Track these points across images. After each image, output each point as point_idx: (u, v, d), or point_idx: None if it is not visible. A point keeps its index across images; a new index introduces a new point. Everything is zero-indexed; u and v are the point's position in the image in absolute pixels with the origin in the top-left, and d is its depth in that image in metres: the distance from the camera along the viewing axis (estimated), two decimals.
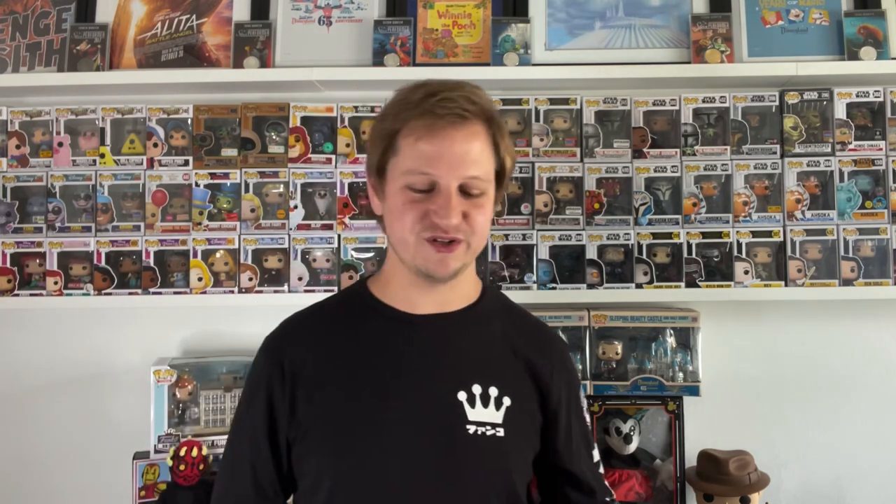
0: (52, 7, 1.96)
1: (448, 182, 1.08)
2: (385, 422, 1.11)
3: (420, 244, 1.10)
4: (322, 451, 1.12)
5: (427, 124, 1.07)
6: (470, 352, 1.18)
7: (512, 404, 1.15)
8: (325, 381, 1.14)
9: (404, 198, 1.10)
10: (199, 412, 1.83)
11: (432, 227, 1.08)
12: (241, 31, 1.91)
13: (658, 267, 1.81)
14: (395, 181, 1.11)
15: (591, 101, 1.84)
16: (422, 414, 1.12)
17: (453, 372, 1.15)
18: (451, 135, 1.08)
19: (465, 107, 1.08)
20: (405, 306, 1.18)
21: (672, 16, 1.90)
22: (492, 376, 1.16)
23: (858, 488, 1.89)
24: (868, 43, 1.82)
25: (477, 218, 1.10)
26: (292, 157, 1.85)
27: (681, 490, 1.80)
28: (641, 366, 1.83)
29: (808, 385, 1.90)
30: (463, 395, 1.13)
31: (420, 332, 1.17)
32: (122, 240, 1.84)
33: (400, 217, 1.10)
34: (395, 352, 1.16)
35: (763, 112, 1.85)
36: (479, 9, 1.91)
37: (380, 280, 1.23)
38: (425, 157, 1.08)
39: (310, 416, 1.13)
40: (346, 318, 1.21)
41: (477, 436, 1.11)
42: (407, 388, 1.13)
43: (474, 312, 1.22)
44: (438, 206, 1.07)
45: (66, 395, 1.94)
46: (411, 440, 1.11)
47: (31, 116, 1.89)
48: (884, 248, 1.79)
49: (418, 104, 1.08)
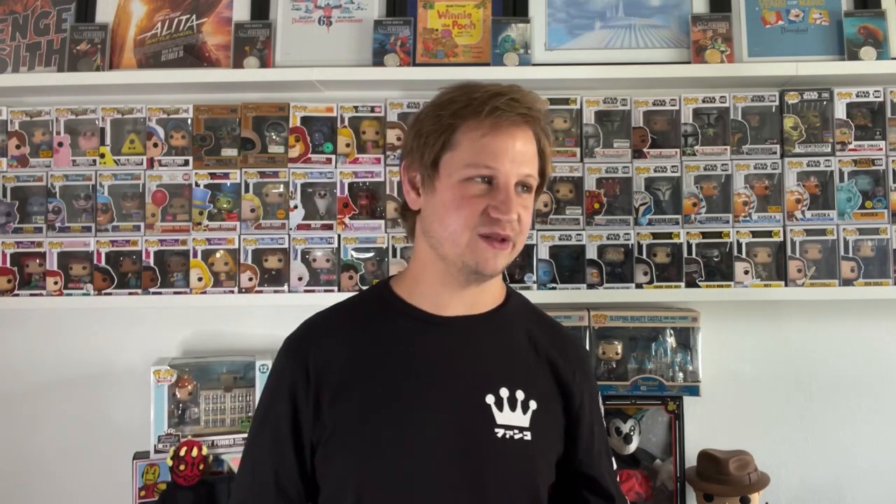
0: (52, 7, 1.96)
1: (508, 178, 1.09)
2: (412, 424, 1.11)
3: (474, 240, 1.10)
4: (347, 454, 1.11)
5: (493, 122, 1.09)
6: (497, 355, 1.18)
7: (538, 407, 1.15)
8: (351, 382, 1.13)
9: (462, 191, 1.10)
10: (199, 412, 1.83)
11: (490, 222, 1.09)
12: (241, 31, 1.91)
13: (658, 267, 1.82)
14: (452, 175, 1.11)
15: (591, 101, 1.84)
16: (450, 417, 1.11)
17: (481, 375, 1.15)
18: (514, 133, 1.10)
19: (531, 110, 1.11)
20: (433, 307, 1.17)
21: (672, 16, 1.90)
22: (518, 380, 1.16)
23: (858, 488, 1.89)
24: (868, 43, 1.82)
25: (525, 218, 1.12)
26: (292, 157, 1.85)
27: (681, 490, 1.80)
28: (641, 366, 1.83)
29: (808, 385, 1.90)
30: (491, 399, 1.13)
31: (448, 334, 1.16)
32: (122, 240, 1.84)
33: (456, 211, 1.10)
34: (422, 353, 1.15)
35: (763, 112, 1.85)
36: (479, 9, 1.91)
37: (405, 280, 1.22)
38: (490, 153, 1.09)
39: (335, 418, 1.12)
40: (370, 318, 1.20)
41: (505, 440, 1.11)
42: (435, 390, 1.12)
43: (500, 315, 1.21)
44: (499, 202, 1.08)
45: (66, 395, 1.94)
46: (439, 443, 1.10)
47: (31, 116, 1.89)
48: (884, 248, 1.79)
49: (484, 102, 1.10)
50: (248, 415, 1.84)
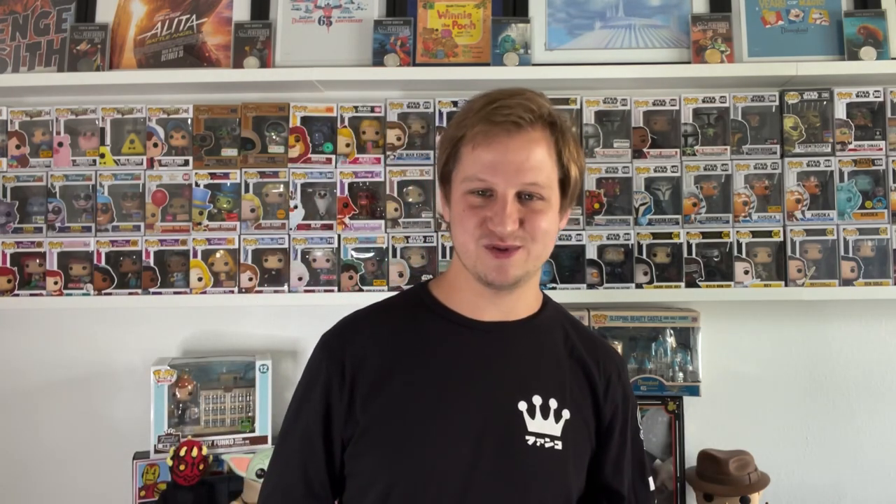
0: (52, 7, 1.96)
1: (504, 189, 1.08)
2: (444, 426, 1.10)
3: (480, 251, 1.10)
4: (378, 452, 1.11)
5: (483, 131, 1.08)
6: (532, 362, 1.17)
7: (571, 417, 1.15)
8: (387, 380, 1.13)
9: (465, 204, 1.11)
10: (199, 412, 1.83)
11: (489, 234, 1.08)
12: (241, 31, 1.91)
13: (658, 267, 1.81)
14: (457, 189, 1.13)
15: (591, 101, 1.84)
16: (482, 421, 1.11)
17: (515, 381, 1.15)
18: (506, 143, 1.08)
19: (520, 114, 1.08)
20: (469, 312, 1.17)
21: (672, 16, 1.90)
22: (552, 388, 1.15)
23: (858, 488, 1.89)
24: (868, 43, 1.82)
25: (536, 223, 1.09)
26: (292, 157, 1.85)
27: (681, 490, 1.80)
28: (641, 366, 1.83)
29: (808, 385, 1.90)
30: (524, 406, 1.12)
31: (483, 339, 1.16)
32: (122, 240, 1.84)
33: (461, 223, 1.11)
34: (458, 356, 1.15)
35: (763, 112, 1.85)
36: (479, 9, 1.91)
37: (443, 285, 1.22)
38: (482, 165, 1.09)
39: (368, 415, 1.12)
40: (409, 319, 1.20)
41: (536, 447, 1.11)
42: (468, 393, 1.12)
43: (537, 322, 1.21)
44: (494, 213, 1.08)
45: (66, 395, 1.94)
46: (470, 447, 1.09)
47: (31, 116, 1.88)
48: (884, 248, 1.79)
49: (477, 112, 1.09)
50: (248, 415, 1.84)
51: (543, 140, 1.11)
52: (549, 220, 1.12)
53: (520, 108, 1.09)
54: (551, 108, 1.13)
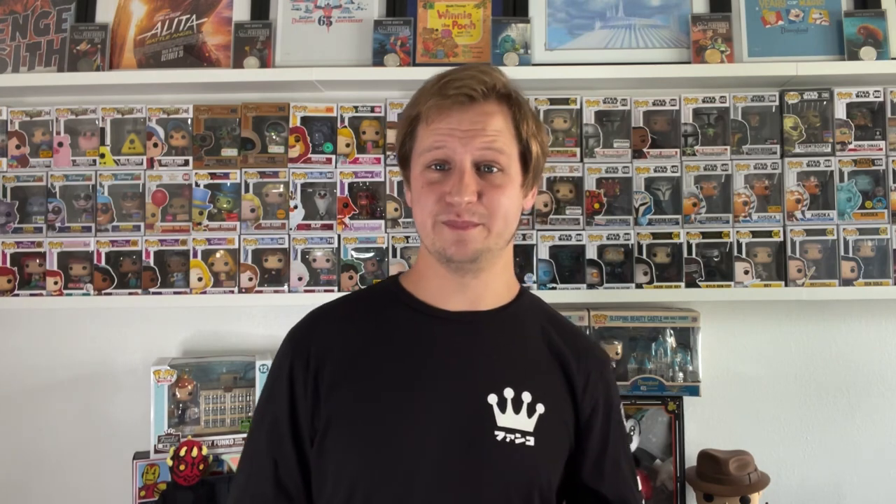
0: (52, 7, 1.96)
1: (461, 158, 1.06)
2: (410, 420, 1.07)
3: (437, 227, 1.07)
4: (343, 444, 1.08)
5: (437, 106, 1.07)
6: (504, 354, 1.13)
7: (545, 412, 1.09)
8: (352, 372, 1.10)
9: (423, 181, 1.09)
10: (199, 412, 1.83)
11: (447, 209, 1.06)
12: (241, 31, 1.91)
13: (658, 267, 1.81)
14: (415, 167, 1.11)
15: (591, 101, 1.84)
16: (449, 415, 1.07)
17: (485, 373, 1.10)
18: (459, 113, 1.07)
19: (472, 87, 1.06)
20: (437, 301, 1.14)
21: (672, 16, 1.90)
22: (525, 381, 1.10)
23: (858, 488, 1.89)
24: (868, 43, 1.82)
25: (495, 198, 1.06)
26: (292, 157, 1.85)
27: (681, 490, 1.80)
28: (641, 366, 1.83)
29: (808, 385, 1.90)
30: (494, 399, 1.08)
31: (452, 329, 1.13)
32: (122, 240, 1.84)
33: (419, 201, 1.09)
34: (426, 348, 1.12)
35: (763, 112, 1.85)
36: (479, 9, 1.91)
37: (412, 276, 1.20)
38: (437, 136, 1.07)
39: (333, 408, 1.08)
40: (376, 310, 1.17)
41: (505, 443, 1.06)
42: (436, 385, 1.08)
43: (509, 312, 1.17)
44: (451, 185, 1.05)
45: (66, 395, 1.94)
46: (436, 441, 1.05)
47: (31, 116, 1.88)
48: (884, 248, 1.79)
49: (429, 90, 1.08)
50: (248, 415, 1.84)
51: (499, 113, 1.09)
52: (508, 196, 1.08)
53: (472, 80, 1.07)
54: (507, 81, 1.11)
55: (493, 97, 1.09)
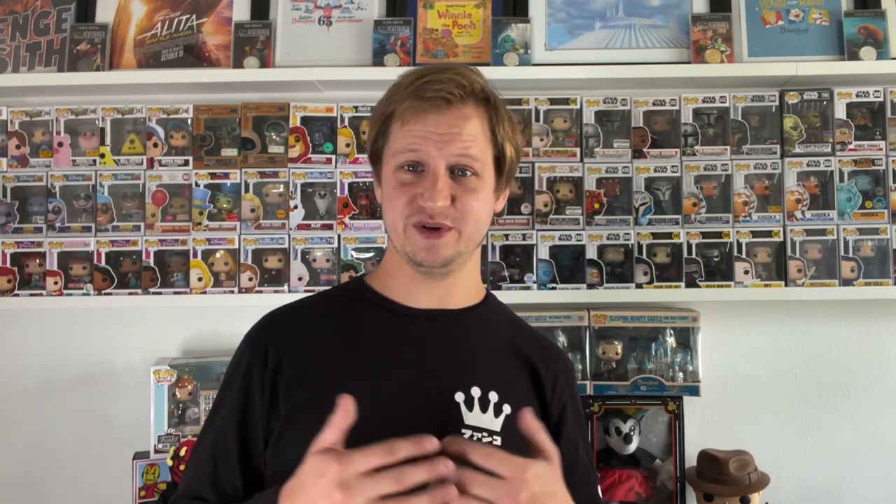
0: (52, 7, 1.96)
1: (436, 162, 1.04)
2: (374, 415, 1.01)
3: (409, 230, 1.05)
4: (302, 441, 0.99)
5: (413, 106, 1.04)
6: (470, 352, 1.11)
7: (512, 413, 1.07)
8: (312, 369, 1.07)
9: (394, 181, 1.06)
10: (199, 412, 1.83)
11: (419, 211, 1.03)
12: (241, 31, 1.91)
13: (658, 267, 1.81)
14: (387, 165, 1.08)
15: (591, 101, 1.84)
16: (415, 411, 1.03)
17: (452, 371, 1.08)
18: (436, 116, 1.04)
19: (450, 90, 1.04)
20: (403, 299, 1.12)
21: (672, 16, 1.90)
22: (493, 381, 1.08)
23: (858, 488, 1.89)
24: (868, 43, 1.82)
25: (468, 203, 1.04)
26: (292, 157, 1.85)
27: (681, 490, 1.80)
28: (641, 366, 1.83)
29: (808, 385, 1.90)
30: (461, 397, 1.05)
31: (418, 325, 1.11)
32: (122, 240, 1.84)
33: (390, 201, 1.07)
34: (390, 343, 1.09)
35: (763, 112, 1.85)
36: (479, 9, 1.91)
37: (378, 273, 1.18)
38: (412, 137, 1.04)
39: (292, 405, 1.05)
40: (338, 308, 1.14)
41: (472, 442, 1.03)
42: (402, 382, 1.06)
43: (477, 313, 1.16)
44: (424, 189, 1.03)
45: (66, 395, 1.94)
46: (400, 435, 1.00)
47: (31, 116, 1.89)
48: (884, 248, 1.79)
49: (406, 87, 1.06)
50: None
51: (476, 116, 1.07)
52: (481, 200, 1.07)
53: (451, 83, 1.04)
54: (484, 84, 1.09)
55: (471, 100, 1.07)
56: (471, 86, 1.06)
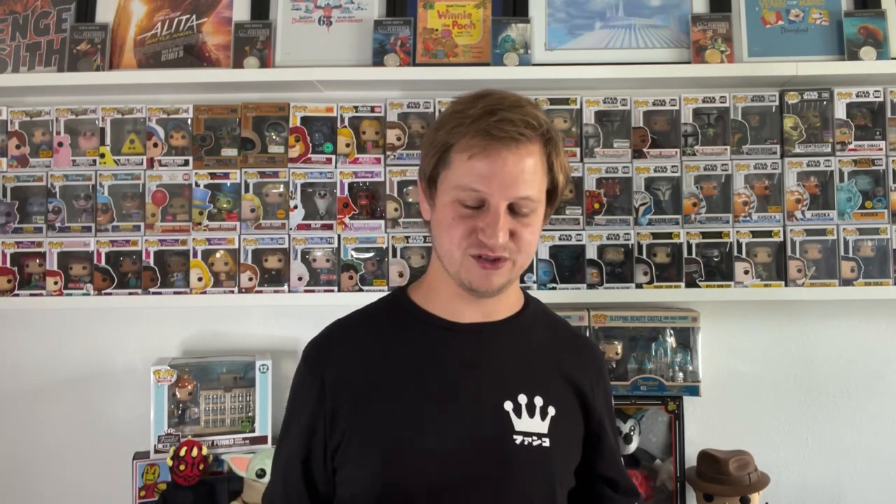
0: (52, 7, 1.96)
1: (498, 202, 1.07)
2: (431, 430, 1.10)
3: (465, 259, 1.09)
4: (365, 460, 1.11)
5: (482, 144, 1.06)
6: (515, 361, 1.18)
7: (556, 414, 1.15)
8: (370, 388, 1.13)
9: (453, 212, 1.09)
10: (199, 412, 1.83)
11: (479, 244, 1.08)
12: (241, 31, 1.91)
13: (658, 267, 1.81)
14: (446, 194, 1.11)
15: (591, 101, 1.84)
16: (469, 423, 1.11)
17: (499, 381, 1.15)
18: (505, 156, 1.06)
19: (521, 131, 1.06)
20: (449, 315, 1.17)
21: (672, 16, 1.90)
22: (537, 386, 1.15)
23: (858, 488, 1.89)
24: (868, 43, 1.82)
25: (524, 237, 1.10)
26: (292, 157, 1.85)
27: (681, 490, 1.80)
28: (641, 366, 1.83)
29: (808, 385, 1.90)
30: (509, 405, 1.13)
31: (465, 341, 1.16)
32: (122, 240, 1.84)
33: (448, 231, 1.10)
34: (441, 360, 1.15)
35: (763, 112, 1.85)
36: (479, 9, 1.91)
37: (421, 288, 1.22)
38: (477, 175, 1.07)
39: (353, 424, 1.12)
40: (389, 325, 1.20)
41: (524, 446, 1.11)
42: (454, 396, 1.12)
43: (518, 322, 1.21)
44: (486, 225, 1.07)
45: (66, 395, 1.94)
46: (458, 449, 1.09)
47: (31, 116, 1.88)
48: (884, 248, 1.79)
49: (475, 121, 1.07)
50: (248, 415, 1.84)
51: (538, 153, 1.10)
52: (535, 232, 1.13)
53: (522, 123, 1.07)
54: (545, 118, 1.12)
55: (537, 138, 1.10)
56: (539, 126, 1.09)
